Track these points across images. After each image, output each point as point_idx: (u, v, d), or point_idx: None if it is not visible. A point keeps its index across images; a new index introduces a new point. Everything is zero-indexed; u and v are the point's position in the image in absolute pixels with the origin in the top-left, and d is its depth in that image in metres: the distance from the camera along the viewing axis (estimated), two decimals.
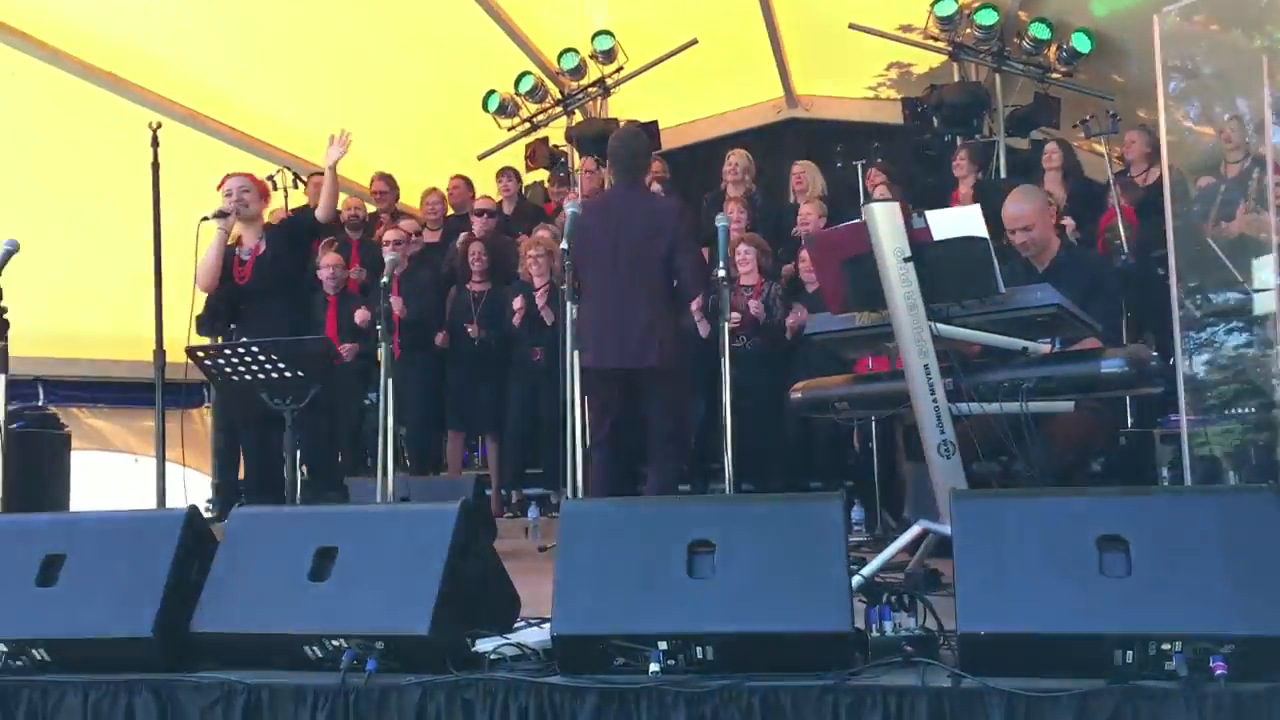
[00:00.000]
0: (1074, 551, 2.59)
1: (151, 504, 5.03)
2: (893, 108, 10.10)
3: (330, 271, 6.98)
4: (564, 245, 3.76)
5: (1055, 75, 8.77)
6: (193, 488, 8.86)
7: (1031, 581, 2.58)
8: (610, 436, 4.70)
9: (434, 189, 8.60)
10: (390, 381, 4.16)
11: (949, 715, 2.52)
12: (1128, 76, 8.85)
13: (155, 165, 5.02)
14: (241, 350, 3.89)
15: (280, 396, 3.96)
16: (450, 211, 8.63)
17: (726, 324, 3.57)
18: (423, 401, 6.92)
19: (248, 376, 3.93)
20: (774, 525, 2.80)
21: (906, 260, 3.80)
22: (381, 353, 4.20)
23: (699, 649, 2.68)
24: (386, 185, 8.41)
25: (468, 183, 8.76)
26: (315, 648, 2.88)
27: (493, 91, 9.29)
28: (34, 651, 2.99)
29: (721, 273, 3.61)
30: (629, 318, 4.55)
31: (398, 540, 2.94)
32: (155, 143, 5.04)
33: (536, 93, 9.34)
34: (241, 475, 7.22)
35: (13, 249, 3.98)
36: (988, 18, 8.54)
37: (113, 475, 8.85)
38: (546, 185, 9.56)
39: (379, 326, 4.24)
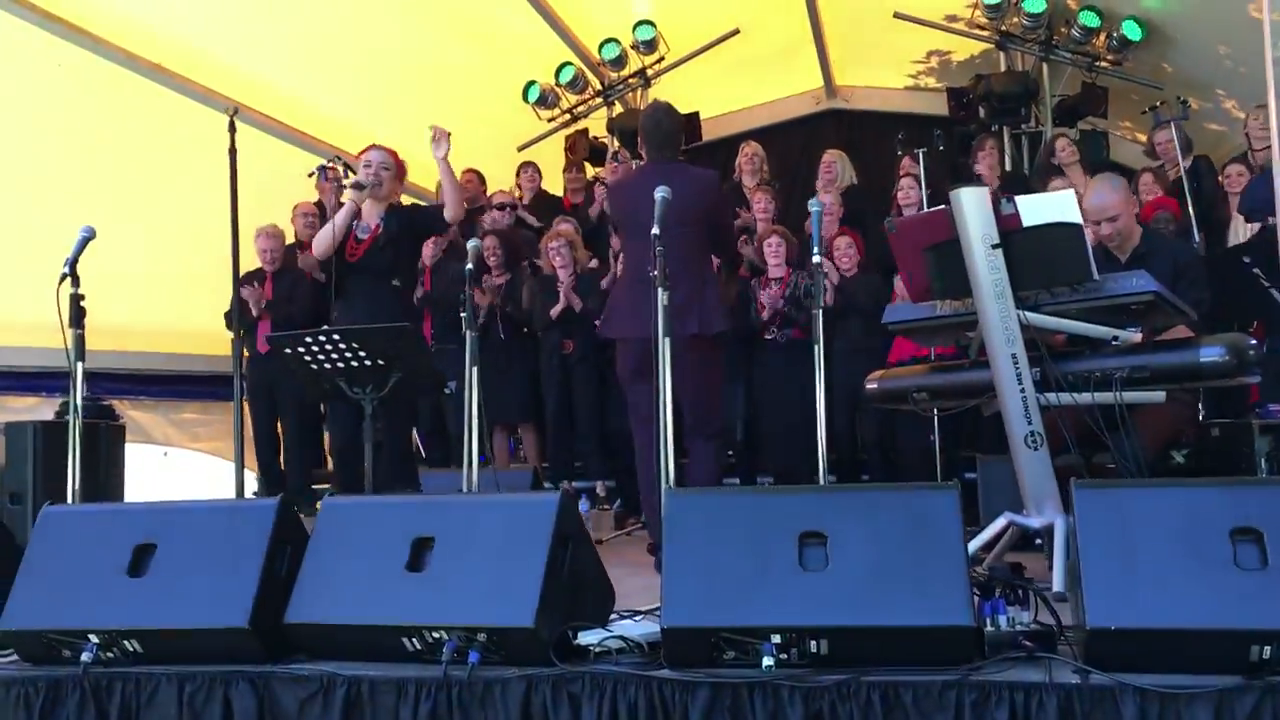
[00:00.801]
0: (1207, 544, 2.51)
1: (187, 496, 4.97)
2: (933, 98, 10.02)
3: None
4: (655, 230, 3.67)
5: (1103, 64, 8.67)
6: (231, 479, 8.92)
7: (1163, 575, 2.50)
8: (652, 414, 4.64)
9: None
10: (475, 370, 4.07)
11: (1079, 712, 2.45)
12: (1177, 66, 8.74)
13: (233, 151, 4.91)
14: (323, 338, 3.81)
15: (360, 386, 3.89)
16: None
17: (820, 311, 3.49)
18: (458, 394, 6.84)
19: (327, 365, 3.86)
20: (887, 517, 2.72)
21: (995, 247, 3.72)
22: (468, 340, 4.09)
23: (813, 642, 2.61)
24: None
25: (480, 176, 8.64)
26: (414, 639, 2.82)
27: (533, 82, 9.24)
28: (126, 643, 2.93)
29: (816, 259, 3.53)
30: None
31: (497, 530, 2.87)
32: (232, 128, 4.94)
33: (577, 84, 9.29)
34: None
35: (89, 236, 3.92)
36: (1036, 5, 8.44)
37: (142, 468, 8.83)
38: (565, 178, 9.37)
39: (464, 314, 4.12)
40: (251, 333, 6.87)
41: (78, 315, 3.86)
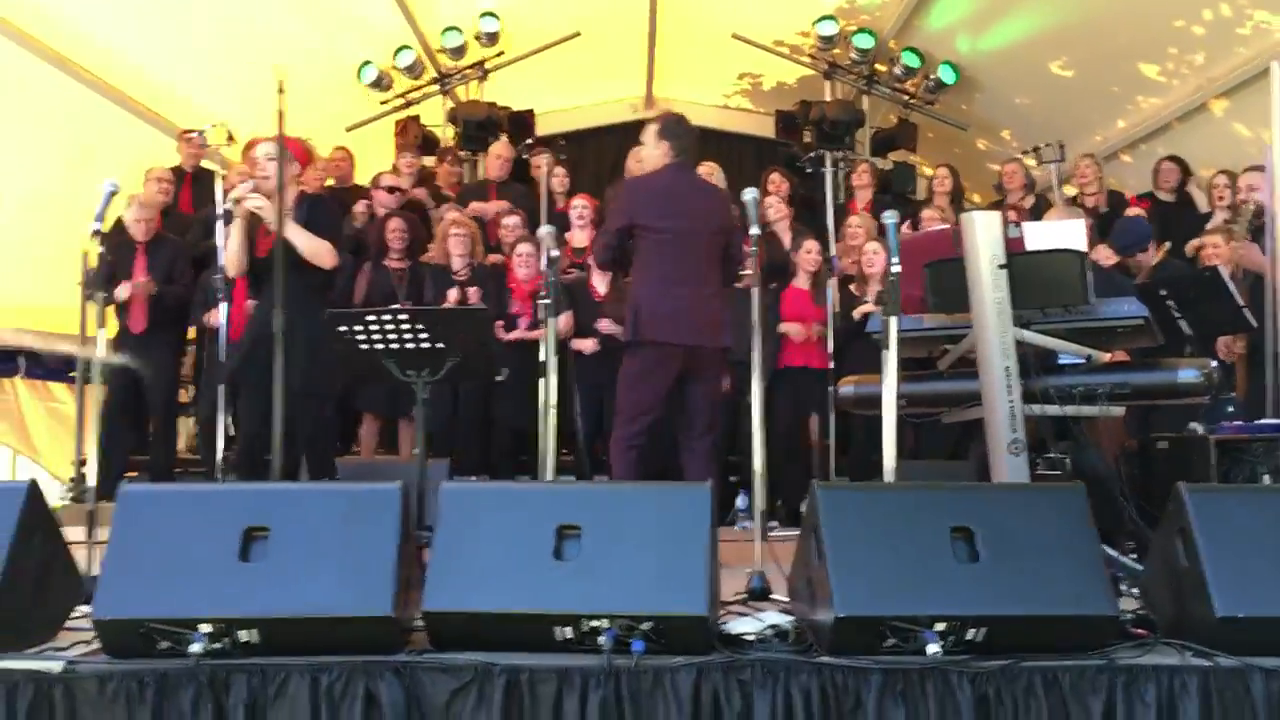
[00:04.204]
0: None
1: None
2: (745, 117, 10.53)
3: None
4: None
5: (914, 102, 9.35)
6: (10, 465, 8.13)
7: (1273, 569, 2.83)
8: (653, 425, 4.63)
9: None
10: (557, 359, 3.90)
11: (1215, 691, 2.73)
12: (975, 107, 9.54)
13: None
14: (387, 318, 3.58)
15: (415, 368, 3.68)
16: (330, 182, 8.16)
17: (895, 319, 3.63)
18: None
19: (380, 345, 3.62)
20: (1026, 512, 2.93)
21: (1001, 267, 4.02)
22: (548, 327, 3.88)
23: (971, 630, 2.77)
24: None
25: (350, 155, 8.31)
26: (567, 628, 2.76)
27: (368, 63, 8.94)
28: (240, 632, 2.70)
29: (896, 269, 3.68)
30: (704, 296, 4.55)
31: (652, 518, 2.86)
32: None
33: (415, 69, 9.06)
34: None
35: (114, 190, 3.54)
36: (865, 42, 9.01)
37: None
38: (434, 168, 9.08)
39: (545, 302, 3.90)
40: (123, 310, 6.36)
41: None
